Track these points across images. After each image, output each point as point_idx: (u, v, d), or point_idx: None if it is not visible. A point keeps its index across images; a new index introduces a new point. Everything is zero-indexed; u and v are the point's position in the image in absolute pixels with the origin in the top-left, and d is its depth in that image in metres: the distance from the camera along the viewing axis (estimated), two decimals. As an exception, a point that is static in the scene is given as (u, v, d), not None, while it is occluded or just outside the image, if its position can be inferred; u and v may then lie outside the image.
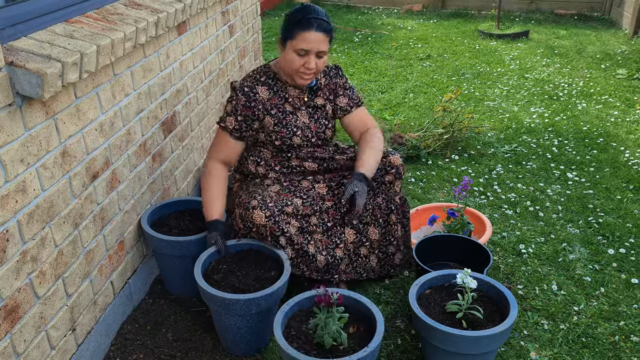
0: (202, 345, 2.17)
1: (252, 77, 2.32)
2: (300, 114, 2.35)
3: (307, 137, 2.36)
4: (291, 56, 2.19)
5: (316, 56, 2.19)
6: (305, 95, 2.36)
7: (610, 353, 2.14)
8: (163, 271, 2.44)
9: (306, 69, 2.20)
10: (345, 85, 2.44)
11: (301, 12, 2.18)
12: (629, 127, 4.15)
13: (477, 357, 1.89)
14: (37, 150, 1.66)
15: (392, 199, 2.40)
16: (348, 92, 2.43)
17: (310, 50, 2.16)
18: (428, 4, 8.12)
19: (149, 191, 2.41)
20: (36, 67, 1.52)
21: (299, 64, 2.19)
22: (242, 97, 2.27)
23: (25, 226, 1.63)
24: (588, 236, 2.86)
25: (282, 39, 2.22)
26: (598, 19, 7.33)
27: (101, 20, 1.97)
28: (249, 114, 2.27)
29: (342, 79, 2.44)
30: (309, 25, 2.14)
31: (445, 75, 5.38)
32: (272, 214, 2.17)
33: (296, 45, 2.16)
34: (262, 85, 2.30)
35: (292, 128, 2.33)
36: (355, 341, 1.83)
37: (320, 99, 2.39)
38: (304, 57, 2.18)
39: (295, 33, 2.16)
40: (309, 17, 2.15)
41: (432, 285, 2.10)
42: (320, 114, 2.39)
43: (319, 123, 2.38)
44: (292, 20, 2.18)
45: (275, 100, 2.32)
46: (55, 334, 1.81)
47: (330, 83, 2.41)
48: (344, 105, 2.42)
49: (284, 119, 2.32)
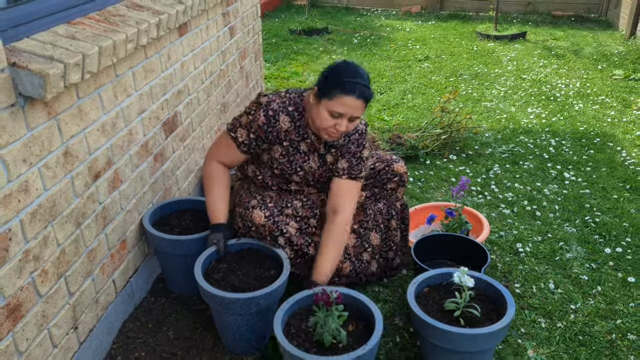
0: (203, 344, 2.19)
1: (282, 102, 2.18)
2: (312, 158, 2.27)
3: (308, 180, 2.31)
4: (324, 115, 2.06)
5: (349, 120, 2.08)
6: (322, 147, 2.26)
7: (607, 351, 2.16)
8: (165, 270, 2.46)
9: (336, 130, 2.09)
10: (357, 154, 2.27)
11: (346, 74, 2.03)
12: (625, 128, 4.18)
13: (475, 355, 1.91)
14: (39, 150, 1.67)
15: (394, 204, 2.41)
16: (353, 160, 2.26)
17: (346, 114, 2.05)
18: (427, 6, 8.15)
19: (150, 191, 2.42)
20: (39, 68, 1.53)
21: (330, 124, 2.07)
22: (263, 119, 2.15)
23: (28, 226, 1.64)
24: (585, 235, 2.89)
25: (319, 94, 2.07)
26: (595, 20, 7.36)
27: (103, 22, 1.99)
28: (262, 136, 2.19)
29: (359, 147, 2.28)
30: (352, 91, 2.01)
31: (443, 77, 5.41)
32: (272, 214, 2.19)
33: (333, 107, 2.03)
34: (287, 115, 2.17)
35: (297, 167, 2.26)
36: (354, 339, 1.85)
37: (330, 157, 2.28)
38: (336, 119, 2.06)
39: (334, 95, 2.02)
40: (354, 83, 2.01)
41: (431, 284, 2.12)
42: (327, 167, 2.31)
43: (324, 175, 2.31)
44: (335, 79, 2.04)
45: (293, 135, 2.21)
46: (58, 333, 1.82)
47: (346, 145, 2.27)
48: (340, 167, 2.26)
49: (293, 155, 2.24)
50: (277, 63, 5.84)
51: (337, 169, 2.27)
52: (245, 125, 2.21)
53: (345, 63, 2.09)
